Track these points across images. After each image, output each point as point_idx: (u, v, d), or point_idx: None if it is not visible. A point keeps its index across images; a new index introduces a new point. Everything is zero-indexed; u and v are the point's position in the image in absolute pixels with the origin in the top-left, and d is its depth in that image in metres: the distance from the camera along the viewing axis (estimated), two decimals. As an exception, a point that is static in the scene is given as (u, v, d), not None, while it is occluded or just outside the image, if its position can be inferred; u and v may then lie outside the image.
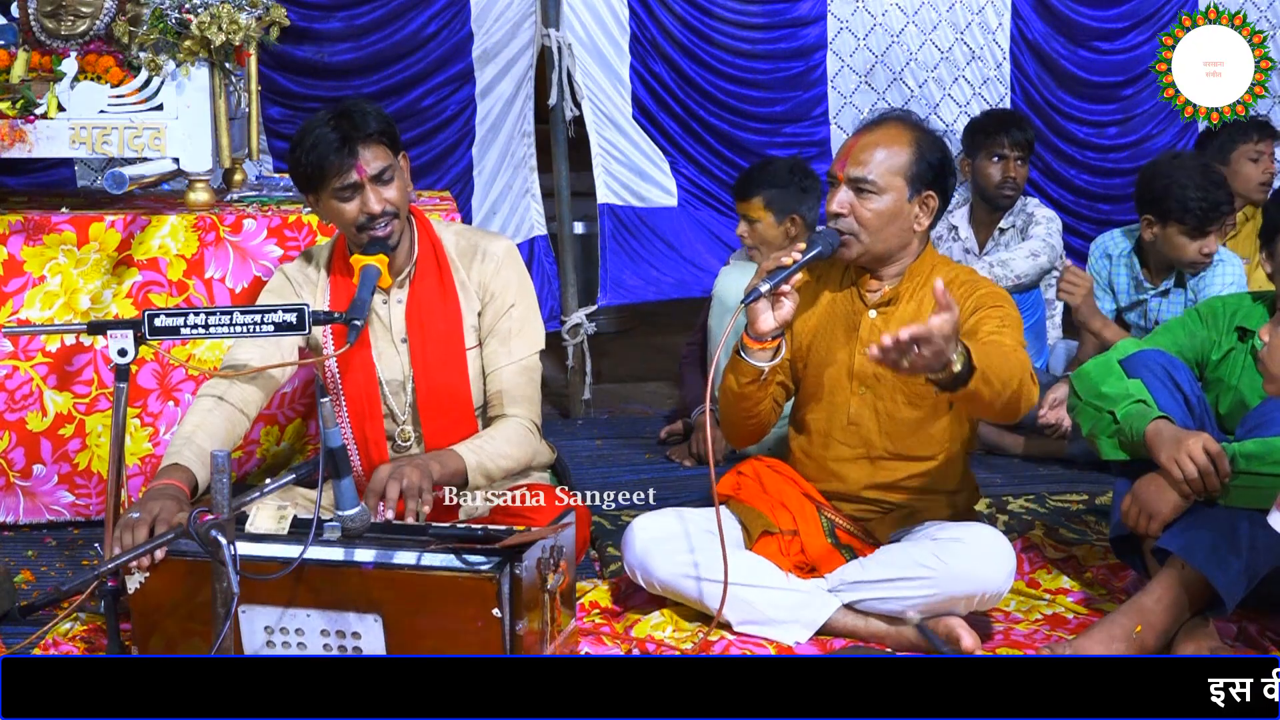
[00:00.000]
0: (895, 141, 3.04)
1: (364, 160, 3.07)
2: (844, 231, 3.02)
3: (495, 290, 3.24)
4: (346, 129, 3.06)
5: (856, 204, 3.02)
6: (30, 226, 3.74)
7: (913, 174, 3.03)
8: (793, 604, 3.05)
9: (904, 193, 3.03)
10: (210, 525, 2.32)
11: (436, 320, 3.20)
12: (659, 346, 6.09)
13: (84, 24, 3.79)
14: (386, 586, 2.59)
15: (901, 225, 3.05)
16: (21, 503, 3.81)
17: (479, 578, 2.54)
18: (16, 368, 3.75)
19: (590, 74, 4.99)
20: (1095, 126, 5.34)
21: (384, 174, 3.10)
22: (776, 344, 3.04)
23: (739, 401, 3.10)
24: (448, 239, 3.28)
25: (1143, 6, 5.36)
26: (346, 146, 3.05)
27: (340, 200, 3.09)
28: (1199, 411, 3.12)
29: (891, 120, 3.10)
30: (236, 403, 3.11)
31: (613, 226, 5.06)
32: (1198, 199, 4.08)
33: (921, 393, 3.08)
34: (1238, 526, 2.89)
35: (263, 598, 2.59)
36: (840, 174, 3.04)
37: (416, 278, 3.23)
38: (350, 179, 3.07)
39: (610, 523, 3.74)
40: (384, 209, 3.10)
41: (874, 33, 5.19)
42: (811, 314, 3.17)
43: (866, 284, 3.13)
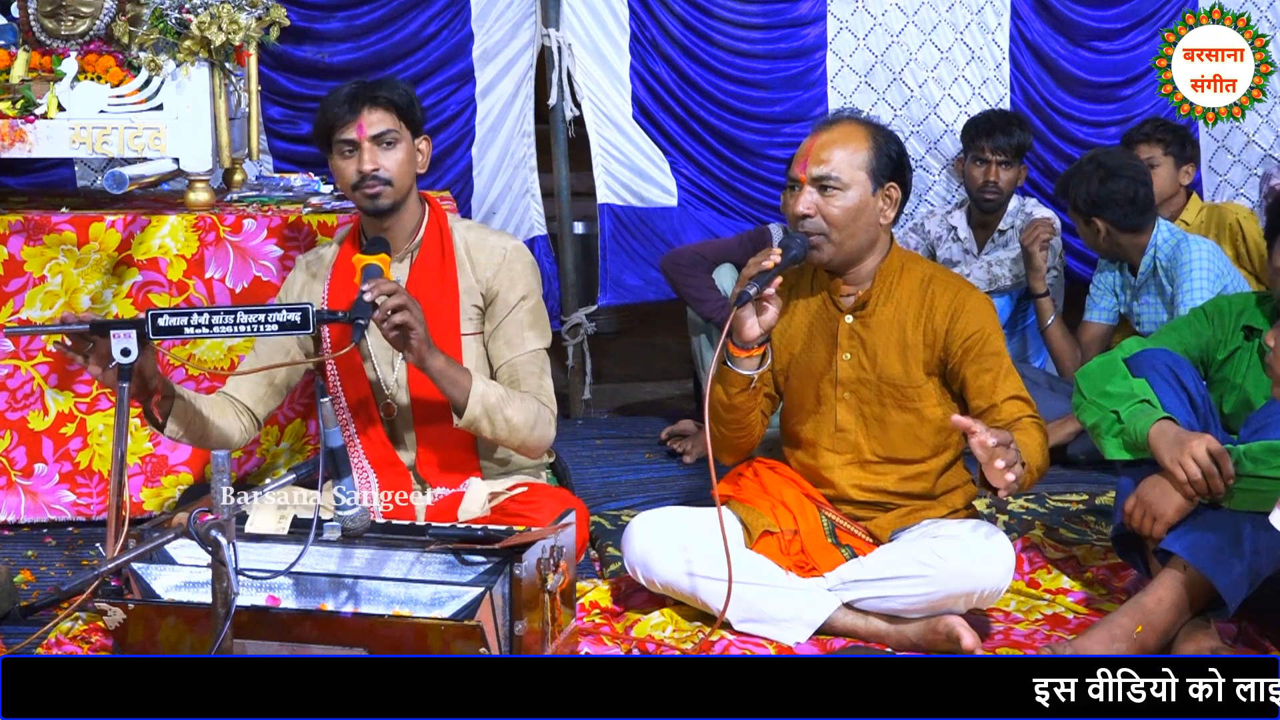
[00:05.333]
0: (852, 138, 3.07)
1: (366, 119, 3.17)
2: (812, 233, 3.04)
3: (503, 284, 3.27)
4: (359, 88, 3.19)
5: (822, 203, 3.04)
6: (30, 226, 3.74)
7: (873, 167, 3.06)
8: (793, 603, 3.05)
9: (867, 186, 3.06)
10: (210, 525, 2.32)
11: (434, 297, 3.22)
12: (659, 346, 6.09)
13: (84, 24, 3.80)
14: (368, 634, 2.55)
15: (868, 220, 3.07)
16: (23, 502, 3.81)
17: (463, 626, 2.50)
18: (18, 367, 3.75)
19: (590, 74, 5.00)
20: (1095, 126, 5.34)
21: (384, 136, 3.19)
22: (762, 350, 3.06)
23: (729, 413, 3.11)
24: (458, 229, 3.32)
25: (1142, 6, 5.35)
26: (351, 103, 3.17)
27: (341, 158, 3.20)
28: (1203, 411, 3.12)
29: (844, 119, 3.14)
30: (244, 399, 3.29)
31: (613, 226, 5.06)
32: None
33: (911, 395, 3.10)
34: (1241, 529, 2.88)
35: (256, 634, 2.56)
36: (802, 175, 3.05)
37: (420, 258, 3.27)
38: (349, 134, 3.17)
39: (610, 523, 3.74)
40: (375, 170, 3.17)
41: (874, 33, 5.19)
42: (789, 327, 3.19)
43: (839, 289, 3.15)
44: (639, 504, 3.89)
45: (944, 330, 3.09)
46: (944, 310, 3.10)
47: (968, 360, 3.08)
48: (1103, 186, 4.26)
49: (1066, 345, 4.53)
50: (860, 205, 3.05)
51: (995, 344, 3.10)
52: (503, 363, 3.26)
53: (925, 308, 3.11)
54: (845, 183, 3.04)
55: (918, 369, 3.11)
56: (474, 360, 3.26)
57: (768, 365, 3.09)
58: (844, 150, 3.05)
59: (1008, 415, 3.03)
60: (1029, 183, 5.15)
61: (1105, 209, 4.27)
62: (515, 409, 3.15)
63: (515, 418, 3.15)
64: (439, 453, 3.23)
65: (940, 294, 3.11)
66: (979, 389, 3.07)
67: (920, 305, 3.11)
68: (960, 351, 3.08)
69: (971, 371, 3.08)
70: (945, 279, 3.17)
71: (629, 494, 4.08)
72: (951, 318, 3.09)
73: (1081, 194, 4.30)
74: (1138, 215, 4.29)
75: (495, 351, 3.27)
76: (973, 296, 3.14)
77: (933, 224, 5.03)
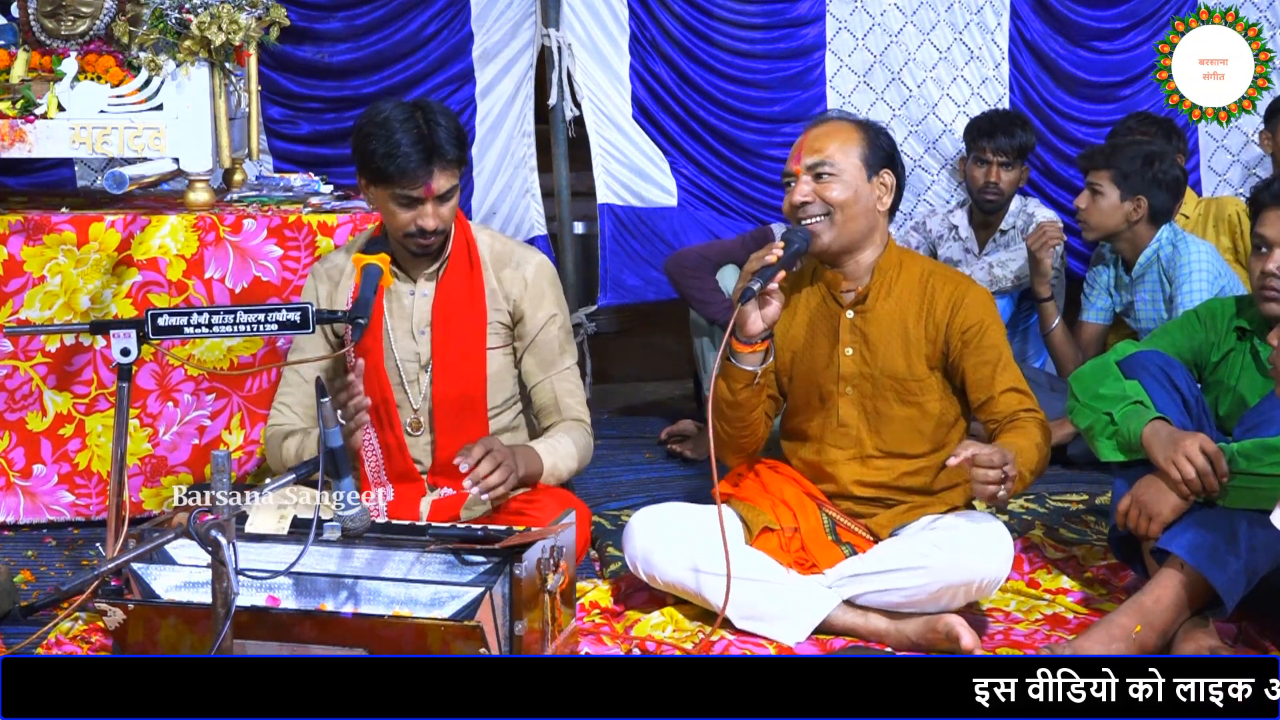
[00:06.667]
0: (842, 131, 3.14)
1: (435, 182, 3.13)
2: (813, 218, 3.08)
3: (529, 305, 3.31)
4: (430, 148, 3.10)
5: (819, 188, 3.08)
6: (30, 226, 3.74)
7: (865, 155, 3.11)
8: (793, 600, 3.05)
9: (862, 172, 3.10)
10: (210, 525, 2.32)
11: (462, 313, 3.25)
12: (659, 346, 6.08)
13: (84, 24, 3.80)
14: (368, 634, 2.55)
15: (866, 205, 3.11)
16: (22, 502, 3.81)
17: (463, 626, 2.50)
18: (16, 368, 3.75)
19: (590, 74, 5.00)
20: (1094, 126, 5.33)
21: (448, 194, 3.17)
22: (765, 345, 3.07)
23: (733, 410, 3.12)
24: (483, 241, 3.33)
25: (1141, 6, 5.34)
26: (425, 166, 3.10)
27: (397, 205, 3.16)
28: (1196, 412, 3.13)
29: (834, 117, 3.21)
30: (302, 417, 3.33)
31: (613, 226, 5.06)
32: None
33: (913, 389, 3.12)
34: (1237, 526, 2.89)
35: (256, 634, 2.56)
36: (797, 168, 3.10)
37: (447, 273, 3.28)
38: (415, 192, 3.13)
39: (610, 523, 3.75)
40: (437, 227, 3.17)
41: (872, 33, 5.18)
42: (790, 325, 3.21)
43: (839, 284, 3.17)
44: (639, 504, 3.86)
45: (945, 323, 3.11)
46: (944, 303, 3.12)
47: (967, 352, 3.10)
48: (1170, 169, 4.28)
49: (1069, 350, 4.53)
50: (856, 188, 3.09)
51: (994, 336, 3.11)
52: (538, 381, 3.34)
53: (926, 301, 3.13)
54: (840, 167, 3.08)
55: (920, 363, 3.12)
56: (497, 372, 3.31)
57: (770, 361, 3.10)
58: (835, 140, 3.11)
59: (1005, 408, 3.06)
60: (1029, 183, 5.15)
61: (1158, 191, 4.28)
62: (572, 455, 3.28)
63: (573, 463, 3.29)
64: (456, 467, 3.22)
65: (941, 288, 3.14)
66: (977, 381, 3.09)
67: (921, 299, 3.13)
68: (960, 344, 3.10)
69: (970, 364, 3.09)
70: (945, 273, 3.20)
71: (629, 494, 4.08)
72: (952, 310, 3.11)
73: (1161, 171, 4.29)
74: (1172, 204, 4.31)
75: (529, 370, 3.35)
76: (972, 290, 3.16)
77: (934, 223, 5.03)
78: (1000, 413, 3.06)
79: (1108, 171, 4.33)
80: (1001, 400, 3.07)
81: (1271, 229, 3.09)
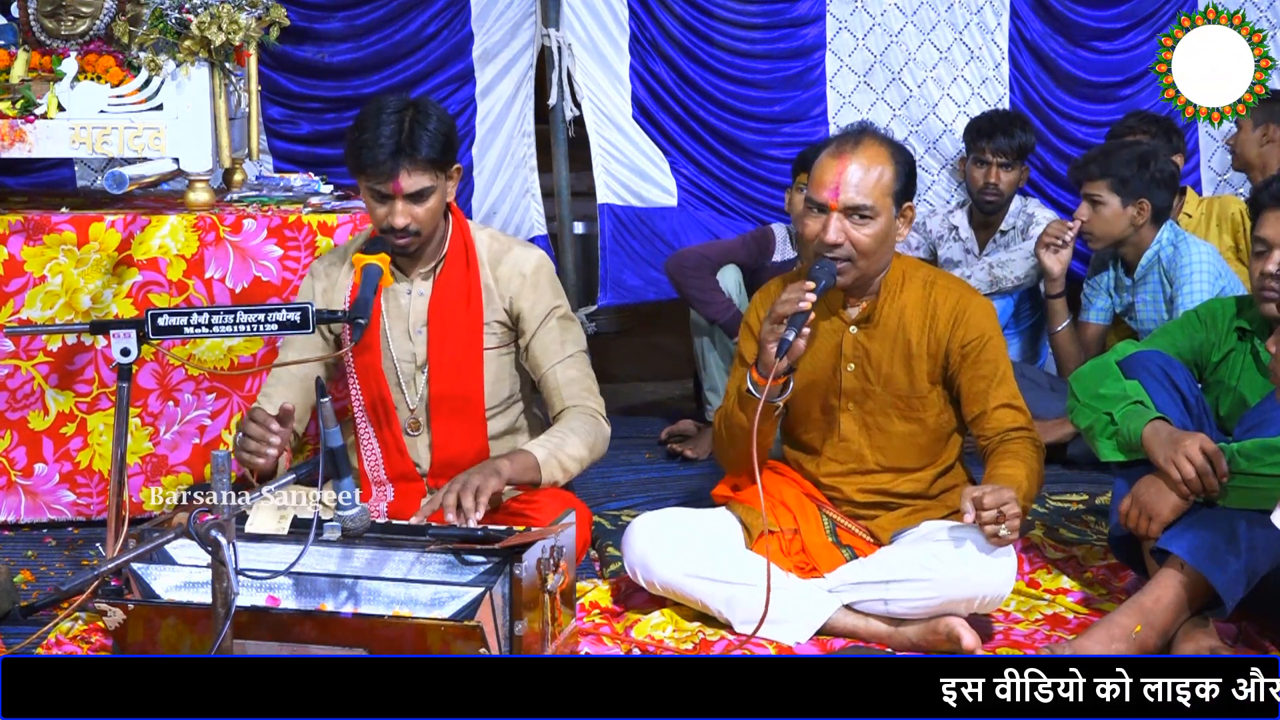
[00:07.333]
0: (877, 160, 3.04)
1: (403, 180, 3.10)
2: (841, 259, 3.02)
3: (527, 302, 3.28)
4: (402, 143, 3.08)
5: (852, 231, 3.01)
6: (30, 226, 3.74)
7: (896, 190, 3.05)
8: (793, 603, 3.05)
9: (891, 209, 3.05)
10: (210, 525, 2.32)
11: (459, 313, 3.23)
12: (659, 346, 6.09)
13: (84, 24, 3.80)
14: (368, 634, 2.55)
15: (890, 244, 3.09)
16: (22, 502, 3.81)
17: (463, 626, 2.50)
18: (18, 367, 3.75)
19: (590, 74, 5.00)
20: (1094, 126, 5.33)
21: (420, 194, 3.13)
22: (787, 378, 3.04)
23: (752, 439, 3.00)
24: (481, 240, 3.32)
25: (1141, 6, 5.34)
26: (392, 160, 3.08)
27: (372, 198, 3.16)
28: (1197, 412, 3.13)
29: (866, 139, 3.07)
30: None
31: (613, 226, 5.07)
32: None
33: (915, 405, 3.13)
34: (1237, 526, 2.89)
35: (256, 634, 2.56)
36: (833, 203, 3.01)
37: (444, 273, 3.27)
38: (383, 188, 3.12)
39: (610, 523, 3.75)
40: (406, 225, 3.14)
41: (873, 33, 5.19)
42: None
43: (844, 302, 3.15)
44: (640, 504, 3.90)
45: (946, 336, 3.11)
46: (946, 317, 3.11)
47: (965, 366, 3.10)
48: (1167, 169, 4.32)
49: (1073, 350, 4.50)
50: (887, 230, 3.05)
51: (993, 351, 3.11)
52: (543, 372, 3.30)
53: (929, 315, 3.12)
54: (877, 211, 3.02)
55: (923, 378, 3.12)
56: (493, 375, 3.29)
57: (790, 391, 3.07)
58: (873, 176, 3.01)
59: (997, 424, 3.07)
60: (1029, 183, 5.14)
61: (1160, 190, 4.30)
62: (574, 443, 3.19)
63: (579, 451, 3.19)
64: (456, 467, 3.22)
65: (943, 301, 3.13)
66: (972, 395, 3.10)
67: (924, 313, 3.12)
68: (960, 358, 3.10)
69: (967, 377, 3.10)
70: (947, 284, 3.17)
71: (629, 494, 4.08)
72: (954, 324, 3.11)
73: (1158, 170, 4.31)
74: (1172, 200, 4.35)
75: (535, 362, 3.31)
76: (974, 302, 3.14)
77: (934, 223, 5.03)
78: (992, 429, 3.07)
79: (1104, 180, 4.33)
80: (994, 416, 3.07)
81: (1271, 230, 3.09)
